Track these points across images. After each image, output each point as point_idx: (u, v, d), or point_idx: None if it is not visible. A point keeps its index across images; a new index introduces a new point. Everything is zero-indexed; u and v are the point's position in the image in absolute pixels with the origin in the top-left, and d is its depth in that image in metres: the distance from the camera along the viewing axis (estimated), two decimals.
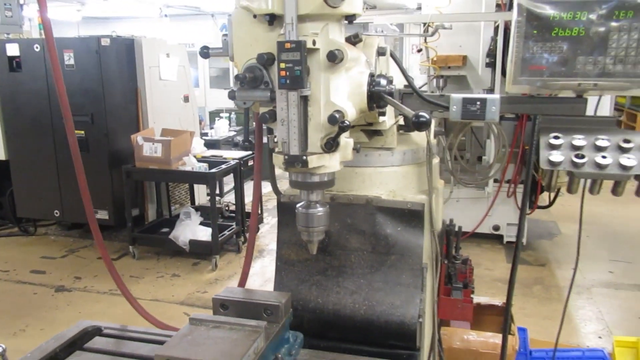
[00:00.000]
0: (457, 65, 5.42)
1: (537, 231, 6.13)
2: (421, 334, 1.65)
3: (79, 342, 1.49)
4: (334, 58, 1.07)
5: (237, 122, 8.75)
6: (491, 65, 5.39)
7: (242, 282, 1.72)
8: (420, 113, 1.22)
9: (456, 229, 1.93)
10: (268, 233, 6.44)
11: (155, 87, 5.91)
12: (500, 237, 5.80)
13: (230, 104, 10.61)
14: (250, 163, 6.17)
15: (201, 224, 5.65)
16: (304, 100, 1.12)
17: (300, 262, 1.74)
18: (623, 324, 4.25)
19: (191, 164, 5.45)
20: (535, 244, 5.89)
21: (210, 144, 6.89)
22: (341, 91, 1.15)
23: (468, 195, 5.71)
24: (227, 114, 8.59)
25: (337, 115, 1.10)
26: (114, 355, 1.44)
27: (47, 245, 6.03)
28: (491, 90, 5.42)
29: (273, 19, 1.11)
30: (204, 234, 5.47)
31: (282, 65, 1.07)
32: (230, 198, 6.81)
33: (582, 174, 1.41)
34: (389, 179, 1.70)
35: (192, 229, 5.46)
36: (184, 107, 6.44)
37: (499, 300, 2.71)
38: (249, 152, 6.44)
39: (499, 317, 2.60)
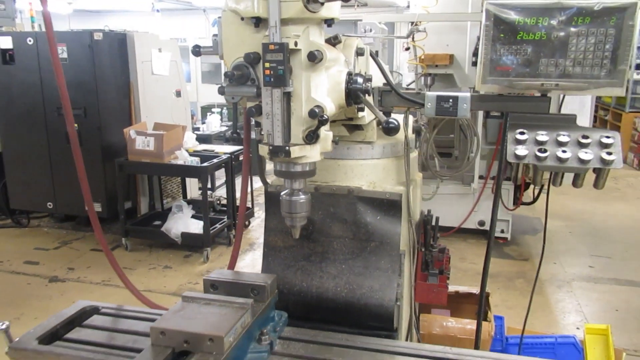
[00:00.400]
0: (444, 63, 5.54)
1: (521, 227, 6.29)
2: (399, 316, 1.77)
3: (77, 319, 1.60)
4: (314, 58, 1.18)
5: (229, 118, 8.83)
6: (477, 64, 5.51)
7: (232, 265, 1.83)
8: (391, 119, 1.33)
9: (433, 219, 2.05)
10: (259, 227, 6.54)
11: (147, 82, 5.99)
12: (486, 232, 5.93)
13: (222, 100, 10.69)
14: (242, 157, 6.28)
15: (193, 217, 5.75)
16: (287, 96, 1.23)
17: (286, 249, 1.85)
18: (601, 316, 4.41)
19: (183, 158, 5.53)
20: (519, 239, 6.04)
21: (202, 139, 6.97)
22: (321, 88, 1.27)
23: (454, 191, 5.85)
24: (219, 109, 8.67)
25: (317, 110, 1.22)
26: (111, 332, 1.54)
27: (41, 237, 6.10)
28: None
29: (259, 22, 1.22)
30: (196, 226, 5.56)
31: (267, 65, 1.18)
32: (221, 192, 6.91)
33: (544, 166, 1.53)
34: (369, 170, 1.81)
35: (184, 222, 5.56)
36: (176, 102, 6.52)
37: (477, 289, 2.84)
38: (240, 147, 6.54)
39: (472, 306, 2.73)
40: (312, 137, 1.25)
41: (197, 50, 1.35)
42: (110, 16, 13.22)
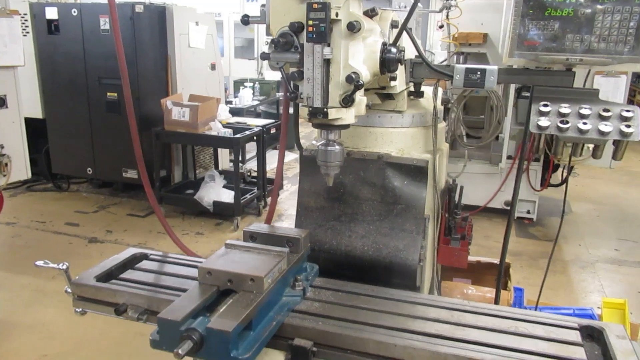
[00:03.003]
0: (477, 42, 5.55)
1: (548, 208, 6.30)
2: (422, 276, 1.90)
3: (129, 263, 1.78)
4: (353, 28, 1.30)
5: (261, 92, 8.97)
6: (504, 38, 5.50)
7: (269, 220, 1.97)
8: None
9: (457, 189, 2.16)
10: (287, 199, 6.72)
11: (184, 54, 6.15)
12: (505, 211, 5.99)
13: (254, 74, 10.83)
14: (273, 131, 6.43)
15: (224, 187, 5.95)
16: (327, 62, 1.35)
17: (317, 209, 1.99)
18: (622, 296, 4.44)
19: (217, 129, 5.71)
20: (545, 220, 6.07)
21: (234, 112, 7.14)
22: (357, 56, 1.38)
23: (482, 170, 5.90)
24: (251, 84, 8.81)
25: (353, 76, 1.33)
26: (160, 274, 1.72)
27: (80, 201, 6.41)
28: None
29: None
30: (227, 196, 5.77)
31: (310, 22, 1.29)
32: (251, 165, 7.10)
33: (565, 137, 1.62)
34: (398, 138, 1.93)
35: (216, 191, 5.76)
36: (210, 75, 6.68)
37: (496, 260, 2.94)
38: (272, 120, 6.70)
39: (492, 275, 2.83)
40: (348, 101, 1.37)
41: (246, 20, 1.47)
42: None
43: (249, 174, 6.73)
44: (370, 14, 1.44)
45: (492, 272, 2.91)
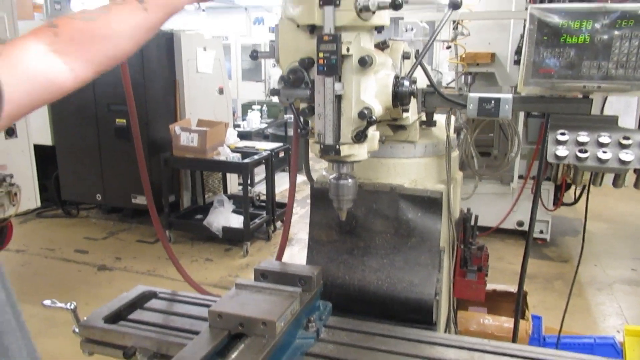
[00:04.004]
0: (485, 62, 5.52)
1: (561, 228, 6.20)
2: (438, 310, 1.84)
3: (138, 302, 1.73)
4: (364, 63, 1.26)
5: (269, 115, 8.99)
6: (519, 62, 5.47)
7: (279, 256, 1.93)
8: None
9: (472, 218, 2.10)
10: (296, 222, 6.65)
11: (192, 79, 6.18)
12: (524, 232, 5.89)
13: (262, 97, 10.87)
14: (281, 155, 6.40)
15: (233, 211, 5.91)
16: (338, 98, 1.31)
17: (329, 243, 1.94)
18: None
19: (225, 154, 5.70)
20: (558, 240, 5.97)
21: (242, 135, 7.14)
22: (369, 91, 1.34)
23: (493, 190, 5.82)
24: (259, 107, 8.83)
25: (365, 112, 1.30)
26: (169, 314, 1.67)
27: (89, 227, 6.39)
28: None
29: (313, 29, 1.30)
30: (236, 221, 5.73)
31: (321, 54, 1.26)
32: (260, 188, 7.07)
33: (584, 167, 1.56)
34: (411, 169, 1.88)
35: (225, 216, 5.73)
36: (218, 99, 6.71)
37: (515, 288, 2.86)
38: (280, 144, 6.68)
39: (508, 304, 2.75)
40: (360, 137, 1.33)
41: (254, 55, 1.44)
42: None
43: (257, 197, 6.70)
44: (382, 46, 1.41)
45: (509, 299, 2.83)
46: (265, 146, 6.35)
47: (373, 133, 1.38)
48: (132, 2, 1.17)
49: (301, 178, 8.76)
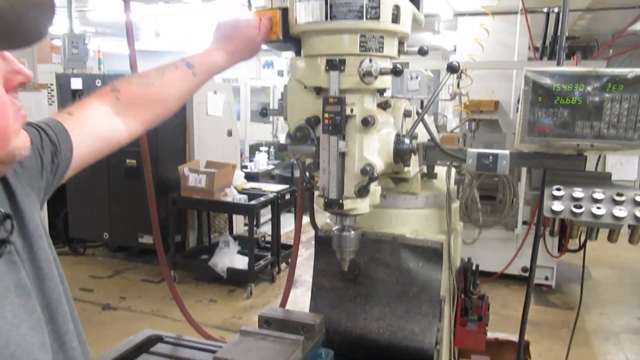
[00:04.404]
0: (489, 109, 5.64)
1: (567, 274, 6.17)
2: (439, 359, 1.86)
3: (144, 347, 1.77)
4: (367, 123, 1.34)
5: (276, 156, 9.12)
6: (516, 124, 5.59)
7: (283, 303, 1.97)
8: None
9: (473, 266, 2.14)
10: (300, 264, 6.66)
11: (202, 122, 6.33)
12: (525, 279, 5.88)
13: (270, 137, 11.04)
14: (287, 197, 6.48)
15: (238, 252, 5.94)
16: (342, 155, 1.39)
17: (333, 290, 1.98)
18: None
19: (232, 195, 5.78)
20: (564, 287, 5.93)
21: (250, 177, 7.24)
22: (372, 148, 1.42)
23: (497, 236, 5.83)
24: (267, 148, 8.97)
25: (368, 168, 1.37)
26: (175, 359, 1.70)
27: (95, 265, 6.43)
28: None
29: (320, 90, 1.39)
30: (241, 262, 5.75)
31: (326, 115, 1.34)
32: (266, 229, 7.11)
33: (579, 222, 1.62)
34: (412, 219, 1.94)
35: (230, 257, 5.76)
36: (227, 141, 6.84)
37: (517, 337, 2.86)
38: (287, 186, 6.76)
39: (510, 354, 2.74)
40: (362, 192, 1.39)
41: (264, 112, 1.53)
42: (169, 56, 13.93)
43: (263, 238, 6.74)
44: (384, 106, 1.49)
45: (511, 348, 2.82)
46: (271, 188, 6.43)
47: (375, 188, 1.45)
48: (183, 68, 1.32)
49: (306, 219, 8.81)
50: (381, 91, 1.42)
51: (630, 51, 6.09)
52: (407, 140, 1.47)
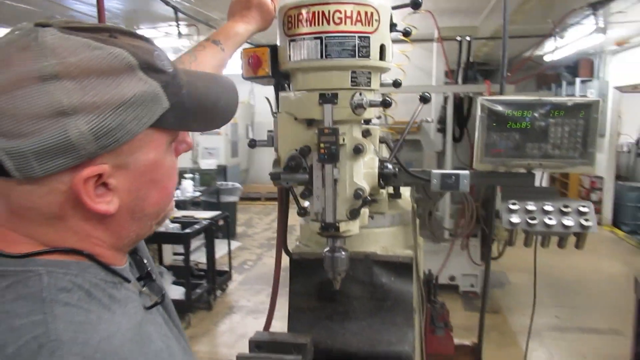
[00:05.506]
0: (412, 131, 6.00)
1: (490, 281, 6.61)
2: None
3: None
4: (359, 151, 1.46)
5: (201, 182, 9.01)
6: (442, 130, 6.02)
7: (267, 327, 2.01)
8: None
9: (433, 278, 2.32)
10: (236, 290, 6.63)
11: None
12: (456, 287, 6.25)
13: (193, 165, 10.87)
14: (221, 222, 6.42)
15: (173, 283, 5.80)
16: (335, 181, 1.49)
17: (310, 310, 2.06)
18: None
19: (165, 225, 5.65)
20: (489, 292, 6.35)
21: (178, 204, 7.09)
22: (360, 174, 1.54)
23: (426, 248, 6.15)
24: (192, 175, 8.83)
25: (360, 192, 1.49)
26: None
27: None
28: (442, 152, 6.04)
29: (311, 122, 1.50)
30: (177, 292, 5.61)
31: (322, 145, 1.44)
32: (194, 257, 6.98)
33: (534, 232, 1.83)
34: (382, 237, 2.07)
35: (166, 288, 5.59)
36: None
37: (468, 341, 3.08)
38: (218, 212, 6.71)
39: (466, 357, 2.96)
40: (355, 214, 1.51)
41: (253, 144, 1.60)
42: None
43: (195, 266, 6.62)
44: (366, 135, 1.62)
45: (462, 351, 3.03)
46: (203, 215, 6.36)
47: (364, 210, 1.57)
48: (211, 46, 1.36)
49: (235, 244, 8.74)
50: (367, 121, 1.55)
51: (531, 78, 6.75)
52: (389, 165, 1.60)
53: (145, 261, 0.98)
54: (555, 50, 7.11)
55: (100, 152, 0.73)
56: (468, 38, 5.63)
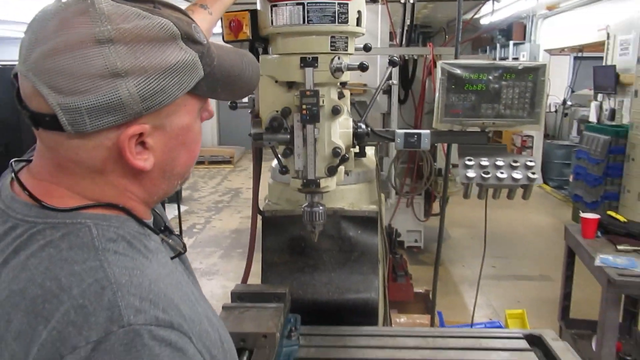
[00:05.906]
0: (359, 92, 6.12)
1: (431, 236, 6.98)
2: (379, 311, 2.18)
3: None
4: (337, 112, 1.57)
5: None
6: (387, 92, 6.18)
7: (245, 279, 2.12)
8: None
9: (394, 231, 2.50)
10: (188, 253, 6.64)
11: None
12: (402, 242, 6.58)
13: None
14: None
15: None
16: (315, 140, 1.60)
17: (282, 264, 2.18)
18: (507, 307, 5.13)
19: None
20: (430, 247, 6.73)
21: None
22: (337, 133, 1.65)
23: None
24: None
25: (338, 150, 1.60)
26: None
27: None
28: (388, 113, 6.24)
29: (292, 85, 1.58)
30: None
31: (304, 106, 1.53)
32: None
33: (488, 185, 2.02)
34: (348, 194, 2.21)
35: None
36: None
37: (422, 289, 3.33)
38: None
39: (421, 303, 3.21)
40: (333, 171, 1.62)
41: (234, 106, 1.67)
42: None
43: None
44: (340, 97, 1.72)
45: (418, 298, 3.28)
46: None
47: (341, 167, 1.69)
48: (199, 10, 1.39)
49: (182, 208, 8.62)
50: (343, 83, 1.65)
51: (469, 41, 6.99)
52: (363, 125, 1.72)
53: (162, 217, 1.06)
54: (493, 12, 7.39)
55: (145, 112, 0.80)
56: (412, 0, 5.75)
